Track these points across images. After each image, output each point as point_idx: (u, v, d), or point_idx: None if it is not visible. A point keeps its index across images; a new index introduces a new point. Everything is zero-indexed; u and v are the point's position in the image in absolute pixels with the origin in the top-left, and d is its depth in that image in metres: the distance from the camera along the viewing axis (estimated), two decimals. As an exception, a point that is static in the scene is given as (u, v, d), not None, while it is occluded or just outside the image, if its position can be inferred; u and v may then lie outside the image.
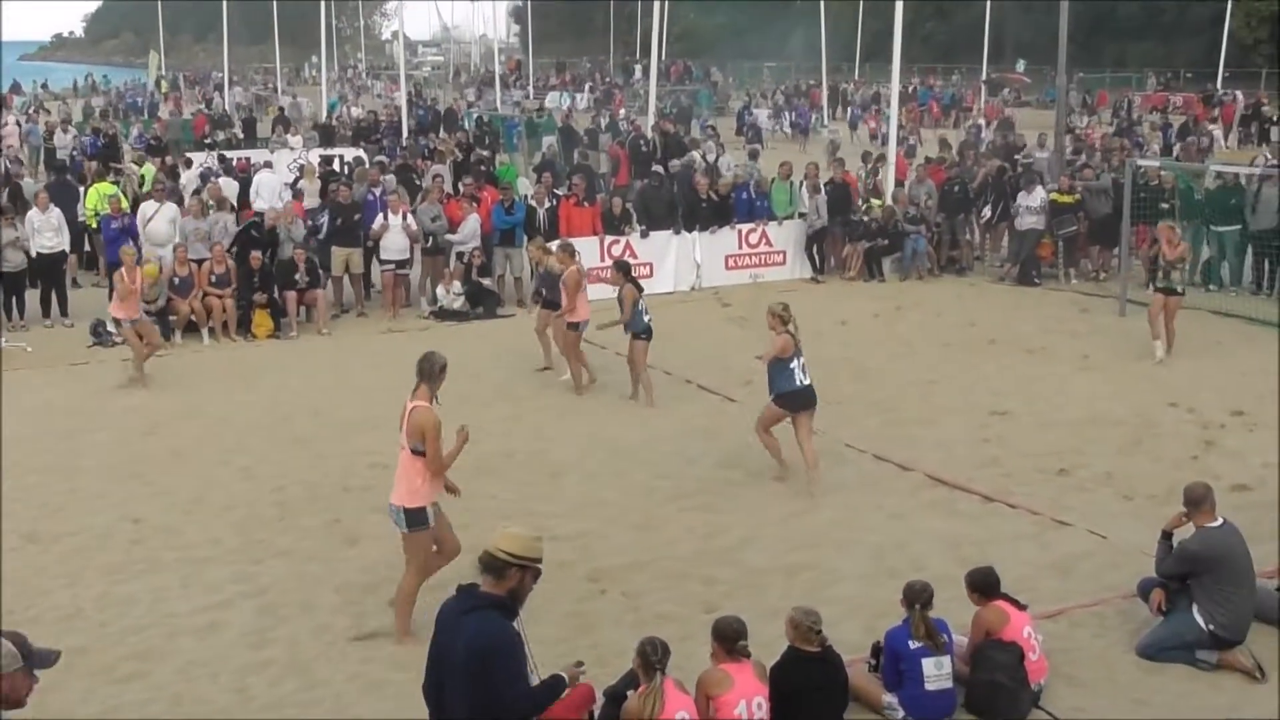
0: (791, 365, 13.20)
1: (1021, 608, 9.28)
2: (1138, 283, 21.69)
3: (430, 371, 10.01)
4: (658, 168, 29.57)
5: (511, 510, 13.01)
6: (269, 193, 25.76)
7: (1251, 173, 23.24)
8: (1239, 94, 57.57)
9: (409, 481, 9.93)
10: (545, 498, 13.39)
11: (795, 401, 13.31)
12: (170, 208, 22.51)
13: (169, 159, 31.38)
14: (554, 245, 18.65)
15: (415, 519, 9.96)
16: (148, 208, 22.33)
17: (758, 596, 10.78)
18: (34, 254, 21.46)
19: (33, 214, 21.78)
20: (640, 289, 16.92)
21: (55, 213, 21.96)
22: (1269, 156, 30.27)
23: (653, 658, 7.99)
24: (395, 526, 10.12)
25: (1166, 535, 10.05)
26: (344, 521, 12.78)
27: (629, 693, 8.17)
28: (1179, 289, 18.46)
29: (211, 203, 22.86)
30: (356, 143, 38.12)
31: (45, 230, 21.58)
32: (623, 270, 17.10)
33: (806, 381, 13.29)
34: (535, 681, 7.34)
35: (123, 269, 18.45)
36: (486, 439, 15.38)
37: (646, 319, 16.60)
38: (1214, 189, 23.30)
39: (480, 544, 11.95)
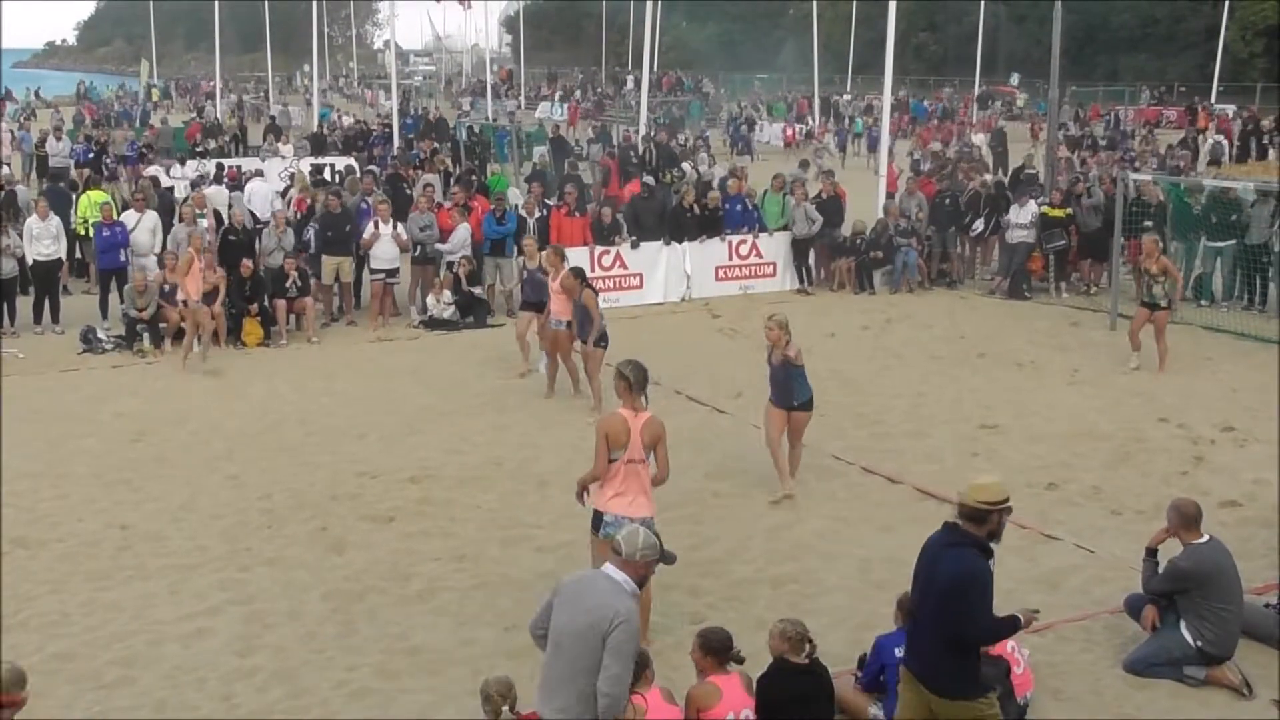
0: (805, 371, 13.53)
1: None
2: (1128, 297, 21.72)
3: (646, 380, 9.96)
4: (648, 178, 29.56)
5: (498, 519, 13.02)
6: (260, 201, 25.74)
7: (1247, 186, 23.28)
8: (1230, 108, 57.83)
9: (649, 491, 9.93)
10: (532, 507, 13.38)
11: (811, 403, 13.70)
12: (151, 216, 22.50)
13: (153, 169, 31.42)
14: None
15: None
16: (129, 217, 22.29)
17: (744, 608, 10.80)
18: (31, 261, 21.43)
19: (32, 221, 21.72)
20: (596, 292, 16.89)
21: (54, 221, 21.90)
22: None
23: None
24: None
25: (1151, 552, 10.05)
26: (331, 530, 12.77)
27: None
28: (1162, 303, 18.40)
29: (199, 211, 22.85)
30: (347, 152, 38.10)
31: (44, 238, 21.49)
32: (579, 276, 16.79)
33: None
34: None
35: (191, 248, 18.99)
36: (473, 448, 15.42)
37: (602, 324, 16.56)
38: (1211, 203, 23.29)
39: (466, 553, 12.07)
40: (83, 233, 23.85)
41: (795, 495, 13.40)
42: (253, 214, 24.32)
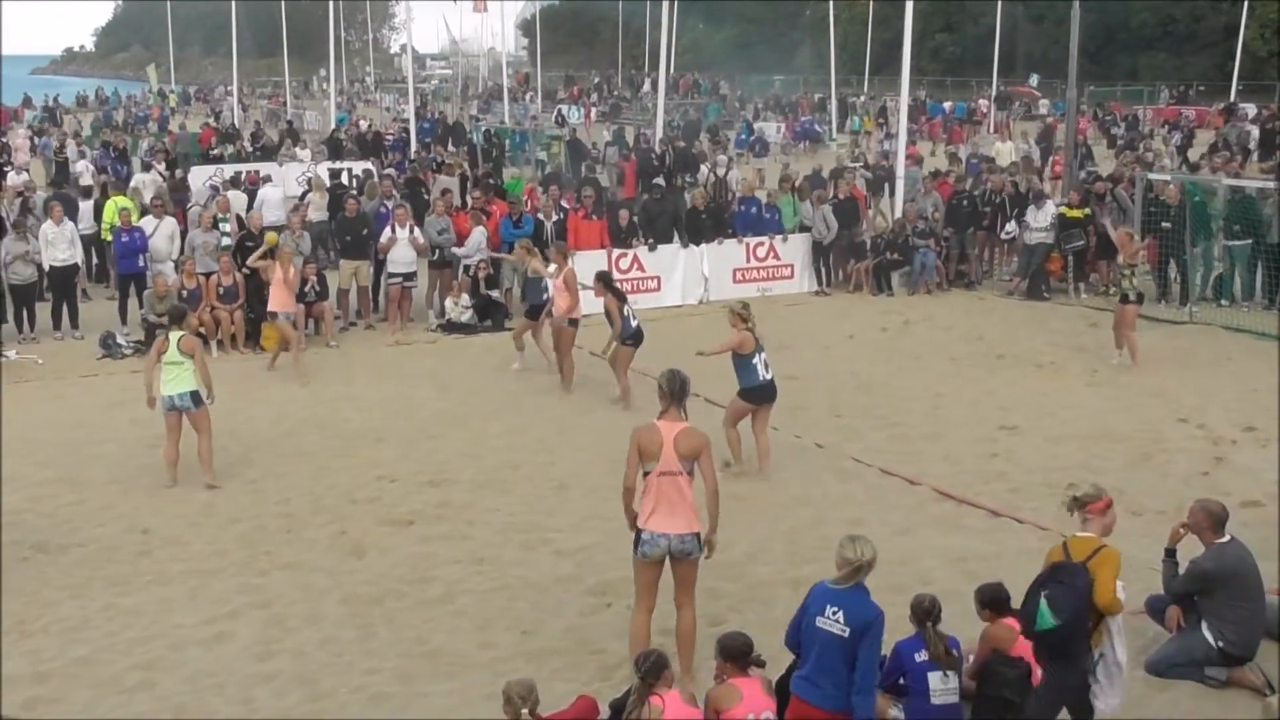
0: (754, 361, 14.04)
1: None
2: (1148, 298, 21.61)
3: (684, 391, 9.54)
4: (659, 180, 29.62)
5: (517, 523, 13.01)
6: (271, 209, 25.77)
7: (1266, 186, 23.17)
8: (1250, 108, 57.53)
9: (694, 505, 9.46)
10: (550, 511, 13.39)
11: (759, 395, 14.16)
12: (169, 223, 22.55)
13: (177, 173, 31.50)
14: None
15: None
16: (147, 223, 22.34)
17: (763, 609, 10.78)
18: (47, 267, 21.50)
19: (46, 227, 21.79)
20: (623, 297, 17.32)
21: (69, 226, 22.01)
22: None
23: (642, 666, 7.99)
24: (684, 556, 9.51)
25: (1170, 553, 9.99)
26: (350, 534, 12.79)
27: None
28: (1130, 296, 18.47)
29: (223, 215, 22.94)
30: (365, 156, 38.16)
31: (59, 243, 21.60)
32: (603, 281, 17.38)
33: (769, 376, 14.16)
34: None
35: (278, 262, 19.03)
36: (491, 452, 15.44)
37: (634, 324, 17.05)
38: (1228, 203, 23.18)
39: (484, 556, 12.06)
40: (107, 238, 23.90)
41: (742, 472, 14.23)
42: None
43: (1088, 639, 8.37)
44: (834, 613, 7.94)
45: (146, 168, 32.76)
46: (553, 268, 18.11)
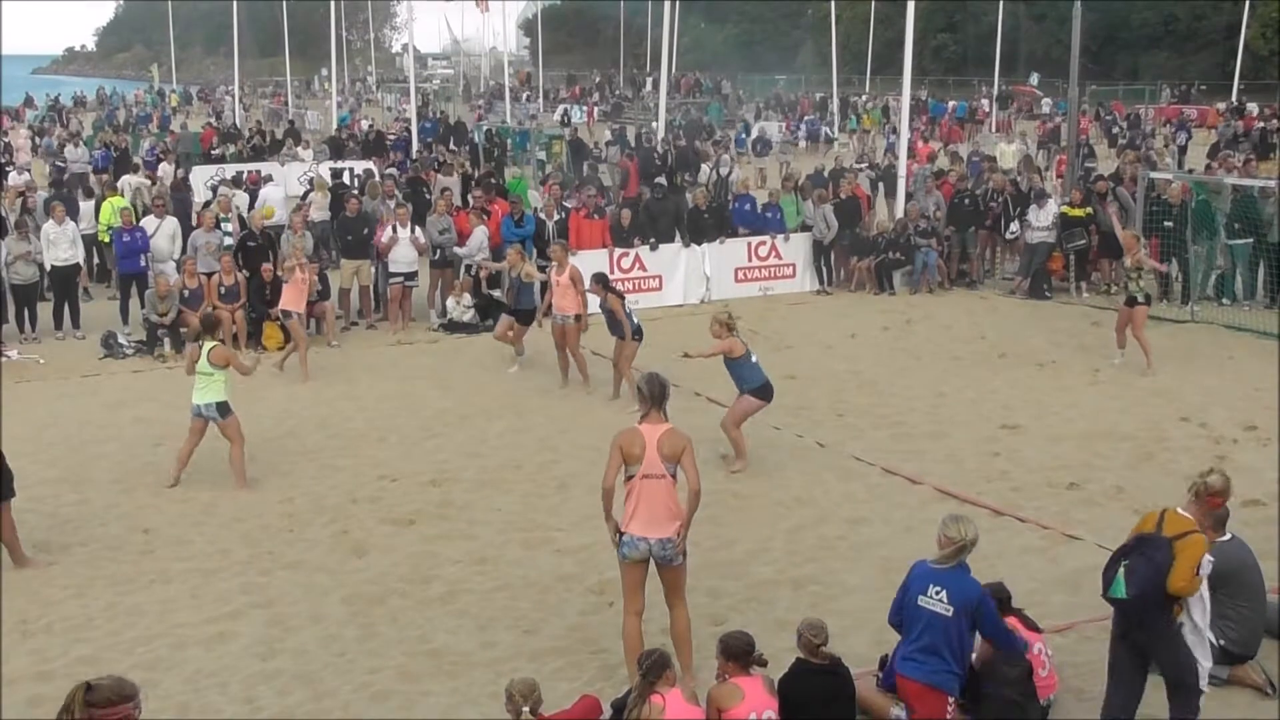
0: (753, 359, 14.52)
1: (1033, 627, 9.24)
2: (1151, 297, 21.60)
3: (664, 394, 9.39)
4: (660, 179, 29.60)
5: (518, 522, 13.02)
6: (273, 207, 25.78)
7: (1268, 185, 23.16)
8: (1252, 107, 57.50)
9: (676, 509, 9.27)
10: (551, 509, 13.39)
11: (768, 391, 14.54)
12: (171, 222, 22.57)
13: (179, 172, 31.52)
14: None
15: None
16: (149, 223, 22.36)
17: (765, 609, 10.78)
18: (49, 266, 21.51)
19: (48, 226, 21.82)
20: (621, 296, 17.54)
21: (70, 225, 22.04)
22: None
23: (644, 664, 8.00)
24: (666, 563, 9.32)
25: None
26: (352, 533, 12.80)
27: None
28: (1139, 298, 18.34)
29: (224, 215, 22.93)
30: (367, 156, 38.15)
31: (60, 242, 21.63)
32: (601, 282, 17.48)
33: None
34: None
35: (294, 262, 18.98)
36: (493, 451, 15.44)
37: (635, 321, 17.23)
38: (1230, 201, 23.19)
39: (486, 555, 12.07)
40: (105, 239, 23.94)
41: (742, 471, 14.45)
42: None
43: (1166, 611, 8.46)
44: (937, 592, 8.22)
45: (136, 169, 32.82)
46: (554, 266, 18.12)
